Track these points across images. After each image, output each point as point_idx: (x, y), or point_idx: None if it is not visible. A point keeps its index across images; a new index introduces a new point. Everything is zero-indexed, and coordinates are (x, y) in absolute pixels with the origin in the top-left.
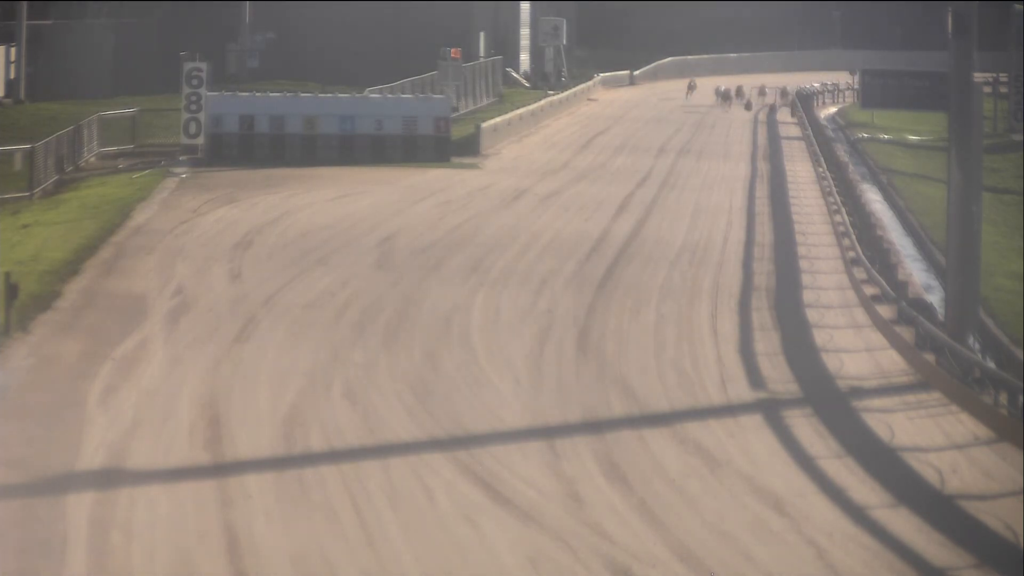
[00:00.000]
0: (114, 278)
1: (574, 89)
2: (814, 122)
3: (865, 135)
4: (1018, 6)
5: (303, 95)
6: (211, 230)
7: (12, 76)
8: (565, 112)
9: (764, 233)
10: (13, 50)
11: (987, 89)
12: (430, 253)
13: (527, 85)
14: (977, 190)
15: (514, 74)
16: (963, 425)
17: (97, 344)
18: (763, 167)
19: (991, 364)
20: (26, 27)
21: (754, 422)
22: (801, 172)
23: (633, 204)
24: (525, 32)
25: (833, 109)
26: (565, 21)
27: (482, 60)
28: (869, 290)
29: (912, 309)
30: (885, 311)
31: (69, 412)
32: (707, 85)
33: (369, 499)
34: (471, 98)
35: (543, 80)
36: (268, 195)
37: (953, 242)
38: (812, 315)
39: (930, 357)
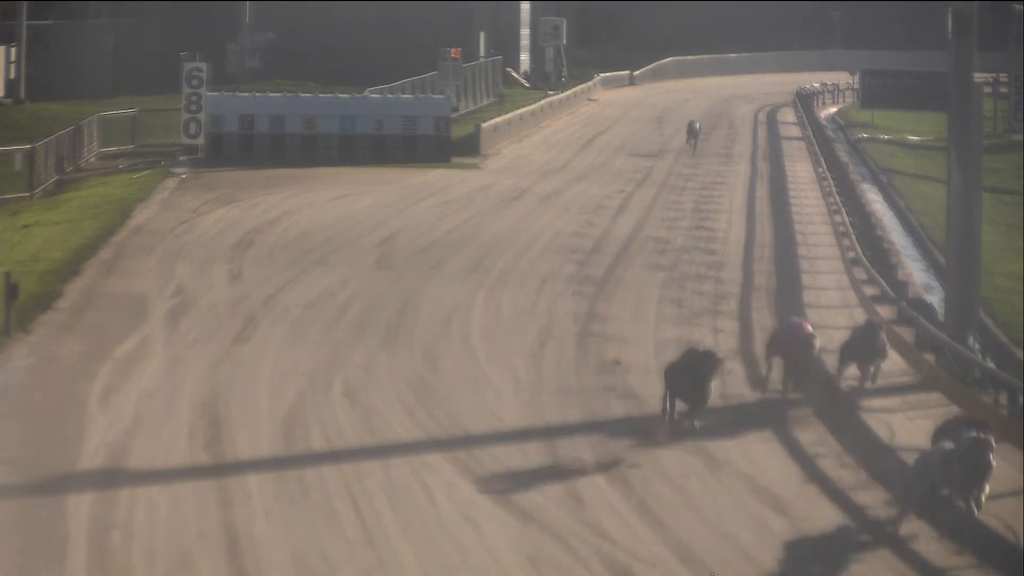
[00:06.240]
0: (114, 278)
1: (574, 89)
2: (814, 122)
3: (865, 135)
4: (1018, 6)
5: (303, 95)
6: (211, 230)
7: (12, 76)
8: (565, 112)
9: (764, 233)
10: (13, 50)
11: (987, 89)
12: (430, 253)
13: (527, 85)
14: (977, 190)
15: (514, 74)
16: None
17: (97, 344)
18: (763, 168)
19: (991, 364)
20: (26, 27)
21: (754, 422)
22: (801, 172)
23: (633, 204)
24: (525, 32)
25: (833, 109)
26: (565, 21)
27: (482, 60)
28: (869, 290)
29: (912, 309)
30: (885, 311)
31: (69, 412)
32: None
33: (369, 499)
34: (471, 98)
35: (543, 80)
36: (268, 195)
37: (953, 242)
38: (812, 315)
39: (930, 357)
